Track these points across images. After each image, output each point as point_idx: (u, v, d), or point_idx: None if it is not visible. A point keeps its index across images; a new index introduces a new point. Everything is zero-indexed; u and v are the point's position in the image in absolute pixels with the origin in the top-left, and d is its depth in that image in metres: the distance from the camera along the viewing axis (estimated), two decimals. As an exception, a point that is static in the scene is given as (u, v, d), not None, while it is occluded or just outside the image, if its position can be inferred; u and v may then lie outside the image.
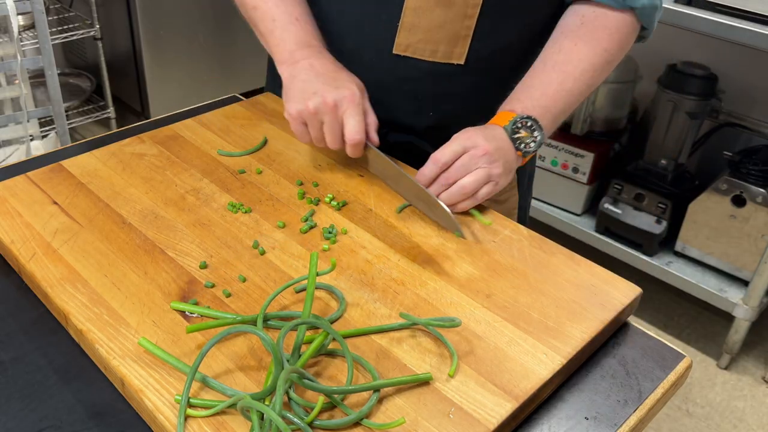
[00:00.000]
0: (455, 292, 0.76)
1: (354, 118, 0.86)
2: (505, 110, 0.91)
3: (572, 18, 0.94)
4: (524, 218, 1.18)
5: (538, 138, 0.89)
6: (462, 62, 0.95)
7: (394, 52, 0.95)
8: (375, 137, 0.90)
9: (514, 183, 1.10)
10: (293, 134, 1.02)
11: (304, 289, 0.75)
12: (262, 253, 0.80)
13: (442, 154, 0.86)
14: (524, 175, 1.13)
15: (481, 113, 1.04)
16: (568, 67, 0.91)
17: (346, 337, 0.70)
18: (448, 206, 0.85)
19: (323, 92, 0.86)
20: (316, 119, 0.87)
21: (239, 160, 0.96)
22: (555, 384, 0.69)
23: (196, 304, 0.72)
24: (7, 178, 0.90)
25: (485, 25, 0.92)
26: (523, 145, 0.89)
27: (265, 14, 0.96)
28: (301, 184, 0.92)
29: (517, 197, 1.12)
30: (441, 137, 1.04)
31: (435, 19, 0.91)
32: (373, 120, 0.90)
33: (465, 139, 0.87)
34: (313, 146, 0.96)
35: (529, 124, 0.89)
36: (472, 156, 0.85)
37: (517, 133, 0.89)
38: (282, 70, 0.93)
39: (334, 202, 0.89)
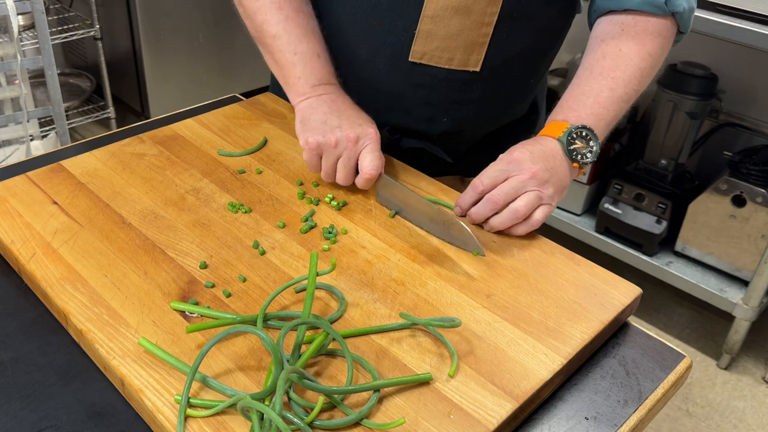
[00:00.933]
0: (455, 292, 0.76)
1: (373, 153, 0.88)
2: (557, 120, 0.90)
3: (609, 26, 0.93)
4: None
5: (595, 148, 0.88)
6: (478, 69, 0.94)
7: (410, 59, 0.94)
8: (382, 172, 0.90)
9: None
10: (293, 134, 1.03)
11: (304, 290, 0.75)
12: (263, 253, 0.80)
13: (480, 181, 0.85)
14: None
15: (494, 119, 1.03)
16: (616, 73, 0.90)
17: (346, 337, 0.70)
18: (501, 231, 0.84)
19: (346, 127, 0.88)
20: (334, 152, 0.88)
21: (239, 160, 0.96)
22: (555, 384, 0.69)
23: (196, 304, 0.72)
24: (7, 178, 0.90)
25: (502, 32, 0.92)
26: (579, 157, 0.87)
27: (287, 46, 0.95)
28: (302, 184, 0.92)
29: None
30: (454, 142, 1.03)
31: (453, 27, 0.91)
32: (384, 161, 0.90)
33: (508, 162, 0.85)
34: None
35: (584, 134, 0.87)
36: (519, 180, 0.83)
37: (573, 144, 0.87)
38: (298, 101, 0.93)
39: (334, 202, 0.89)
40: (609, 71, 0.90)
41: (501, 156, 0.86)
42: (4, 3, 1.94)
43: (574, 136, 0.87)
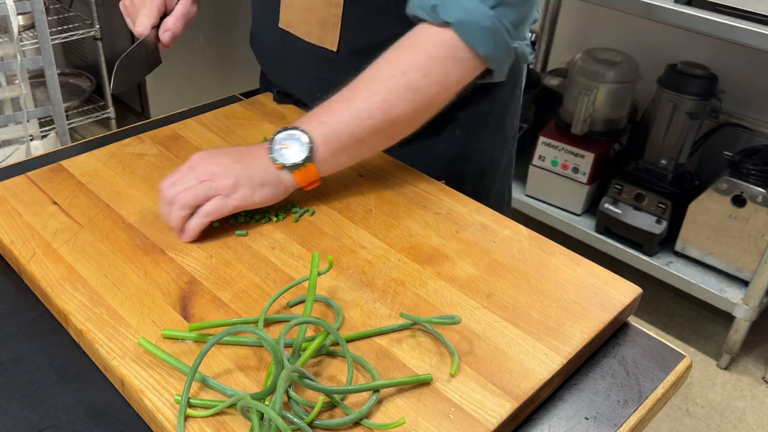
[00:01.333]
0: (455, 292, 0.76)
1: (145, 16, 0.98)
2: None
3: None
4: (501, 206, 1.11)
5: (305, 152, 0.81)
6: (335, 49, 0.94)
7: (280, 26, 1.00)
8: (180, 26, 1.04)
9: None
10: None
11: (300, 302, 0.75)
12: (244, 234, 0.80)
13: (164, 184, 0.81)
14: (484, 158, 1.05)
15: None
16: (360, 85, 0.83)
17: (347, 340, 0.70)
18: (180, 231, 0.80)
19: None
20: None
21: (239, 160, 0.96)
22: (555, 384, 0.69)
23: (195, 306, 0.72)
24: (7, 178, 0.90)
25: (354, 15, 0.91)
26: (282, 158, 0.81)
27: None
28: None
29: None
30: None
31: (306, 1, 0.94)
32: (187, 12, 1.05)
33: (188, 161, 0.81)
34: None
35: (296, 136, 0.82)
36: (195, 175, 0.79)
37: (279, 144, 0.82)
38: None
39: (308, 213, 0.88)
40: (355, 82, 0.83)
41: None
42: (4, 3, 1.94)
43: (284, 137, 0.82)
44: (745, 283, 1.97)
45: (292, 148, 0.82)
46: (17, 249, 0.78)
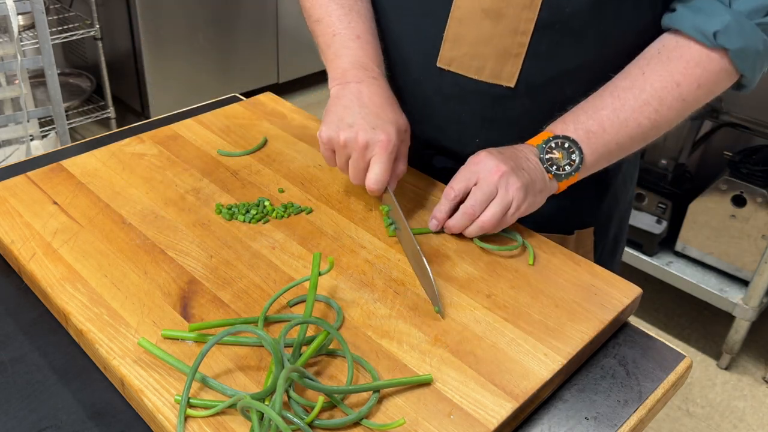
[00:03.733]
0: (455, 292, 0.76)
1: (380, 165, 0.80)
2: (545, 131, 0.84)
3: (654, 45, 0.83)
4: (607, 263, 1.03)
5: (576, 161, 0.81)
6: (512, 85, 0.85)
7: (438, 65, 0.88)
8: (394, 185, 0.85)
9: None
10: (293, 134, 1.03)
11: (300, 302, 0.75)
12: (225, 216, 0.81)
13: (452, 188, 0.81)
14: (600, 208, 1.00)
15: None
16: (627, 95, 0.81)
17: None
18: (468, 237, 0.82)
19: (358, 128, 0.81)
20: (344, 152, 0.82)
21: (239, 160, 0.96)
22: (555, 384, 0.69)
23: (195, 306, 0.72)
24: (7, 178, 0.90)
25: (542, 44, 0.82)
26: (555, 168, 0.82)
27: (326, 28, 0.90)
28: (302, 184, 0.92)
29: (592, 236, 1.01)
30: None
31: (483, 32, 0.83)
32: (401, 170, 0.85)
33: (476, 163, 0.81)
34: (316, 147, 0.97)
35: (566, 145, 0.81)
36: (489, 183, 0.79)
37: (549, 153, 0.82)
38: (331, 86, 0.88)
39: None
40: (621, 91, 0.82)
41: (469, 158, 0.83)
42: (4, 3, 1.94)
43: (553, 145, 0.82)
44: (745, 283, 1.97)
45: (562, 158, 0.82)
46: (17, 249, 0.78)
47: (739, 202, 1.89)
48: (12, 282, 0.79)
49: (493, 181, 0.79)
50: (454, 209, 0.83)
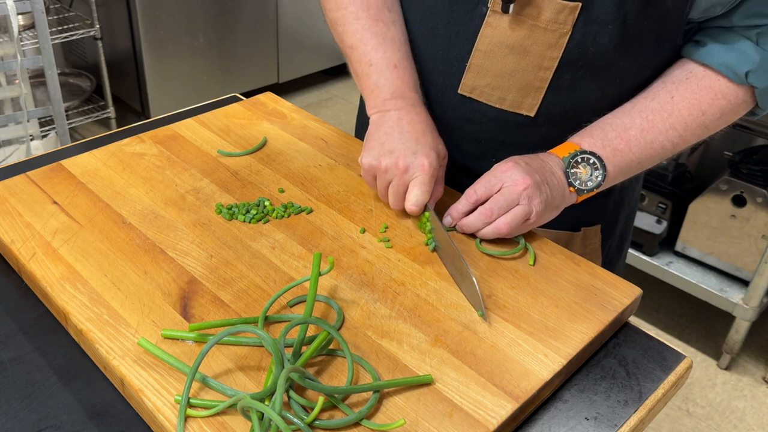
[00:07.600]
0: (455, 293, 0.76)
1: (419, 188, 0.83)
2: (572, 142, 0.86)
3: (679, 71, 0.86)
4: (613, 260, 1.07)
5: (599, 178, 0.83)
6: (532, 114, 0.87)
7: (459, 92, 0.89)
8: (432, 206, 0.85)
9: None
10: (293, 134, 1.03)
11: (300, 302, 0.75)
12: (225, 215, 0.80)
13: (474, 191, 0.83)
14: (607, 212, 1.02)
15: None
16: (655, 117, 0.84)
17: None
18: (481, 240, 0.83)
19: (399, 154, 0.83)
20: (384, 177, 0.84)
21: (239, 160, 0.96)
22: (555, 384, 0.69)
23: (196, 306, 0.72)
24: (7, 178, 0.90)
25: (563, 79, 0.84)
26: (578, 182, 0.83)
27: (362, 56, 0.91)
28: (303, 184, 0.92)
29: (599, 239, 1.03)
30: None
31: (506, 66, 0.85)
32: (439, 192, 0.87)
33: (503, 171, 0.82)
34: (316, 147, 0.97)
35: (591, 161, 0.83)
36: (512, 192, 0.80)
37: (575, 167, 0.83)
38: (371, 114, 0.90)
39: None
40: (649, 113, 0.84)
41: (496, 165, 0.84)
42: (4, 3, 1.94)
43: (579, 160, 0.83)
44: (745, 283, 1.97)
45: (586, 173, 0.83)
46: (17, 249, 0.78)
47: (739, 202, 1.89)
48: (12, 282, 0.79)
49: (516, 191, 0.80)
50: (471, 211, 0.84)
